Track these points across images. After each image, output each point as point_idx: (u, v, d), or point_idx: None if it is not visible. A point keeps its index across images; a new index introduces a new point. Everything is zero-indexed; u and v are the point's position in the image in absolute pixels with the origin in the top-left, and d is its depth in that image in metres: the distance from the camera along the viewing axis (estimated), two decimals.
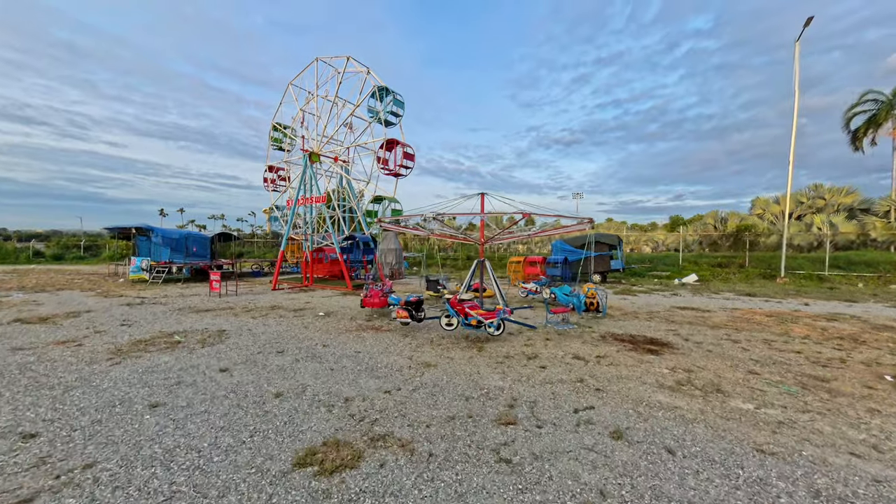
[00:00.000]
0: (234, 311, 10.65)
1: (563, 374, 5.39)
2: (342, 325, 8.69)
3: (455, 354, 6.38)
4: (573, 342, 7.25)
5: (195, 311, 10.59)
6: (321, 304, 11.95)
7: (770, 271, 23.28)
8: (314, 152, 18.15)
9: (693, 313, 10.66)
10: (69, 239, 48.30)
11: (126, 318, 9.44)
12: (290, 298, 13.36)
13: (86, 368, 5.55)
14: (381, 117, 15.82)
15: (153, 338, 7.40)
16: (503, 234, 11.32)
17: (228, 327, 8.43)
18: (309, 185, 17.88)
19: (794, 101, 20.30)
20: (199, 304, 11.72)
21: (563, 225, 8.96)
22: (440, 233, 11.29)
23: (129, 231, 22.19)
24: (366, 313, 10.21)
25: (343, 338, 7.53)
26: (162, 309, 10.83)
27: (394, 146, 15.74)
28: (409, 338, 7.51)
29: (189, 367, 5.66)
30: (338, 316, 9.91)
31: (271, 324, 8.85)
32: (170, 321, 9.10)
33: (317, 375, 5.33)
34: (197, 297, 13.59)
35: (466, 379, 5.22)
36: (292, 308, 11.20)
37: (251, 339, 7.40)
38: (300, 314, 10.17)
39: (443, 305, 7.87)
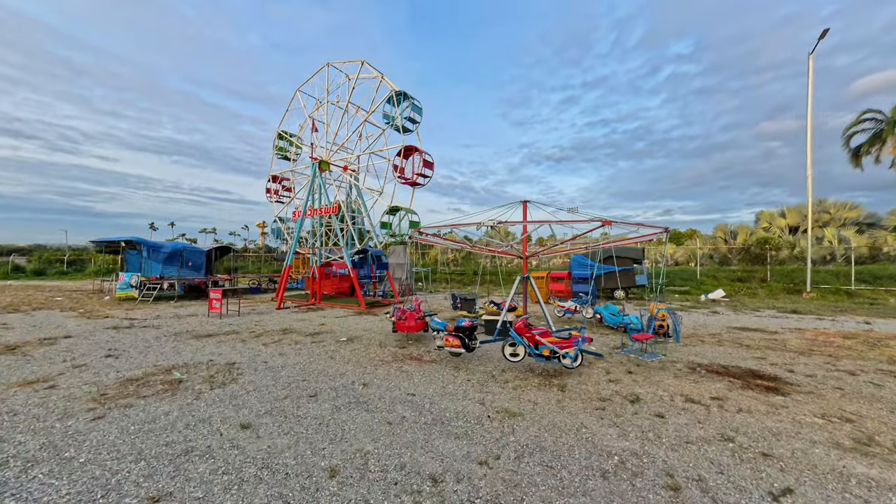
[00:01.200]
0: (240, 335, 9.19)
1: (696, 429, 4.13)
2: (375, 355, 7.32)
3: (535, 396, 5.07)
4: (662, 376, 6.00)
5: (195, 336, 9.10)
6: (338, 327, 10.54)
7: (793, 286, 22.48)
8: (324, 160, 17.01)
9: (759, 335, 9.54)
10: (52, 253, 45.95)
11: (112, 346, 7.93)
12: (299, 319, 11.91)
13: (57, 426, 4.12)
14: (398, 123, 14.84)
15: (147, 375, 5.95)
16: (551, 246, 10.14)
17: (238, 358, 7.00)
18: (318, 195, 16.65)
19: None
20: (198, 328, 10.22)
21: (629, 237, 7.87)
22: (480, 245, 10.10)
23: (117, 244, 20.55)
24: (396, 338, 8.85)
25: (382, 372, 6.17)
26: (155, 334, 9.32)
27: (412, 153, 14.71)
28: (464, 371, 6.19)
29: (198, 421, 4.26)
30: (363, 341, 8.52)
31: (289, 353, 7.44)
32: (166, 350, 7.63)
33: (373, 434, 3.98)
34: (194, 317, 12.06)
35: (576, 437, 3.92)
36: (307, 331, 9.77)
37: (270, 375, 6.00)
38: (318, 339, 8.76)
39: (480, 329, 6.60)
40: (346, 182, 18.30)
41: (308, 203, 16.72)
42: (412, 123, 15.34)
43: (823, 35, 20.50)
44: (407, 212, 15.01)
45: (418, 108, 15.42)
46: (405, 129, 15.12)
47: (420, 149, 14.66)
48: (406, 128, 15.11)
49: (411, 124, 15.29)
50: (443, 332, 6.63)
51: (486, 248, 10.43)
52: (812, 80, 21.52)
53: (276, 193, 20.35)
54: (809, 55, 21.46)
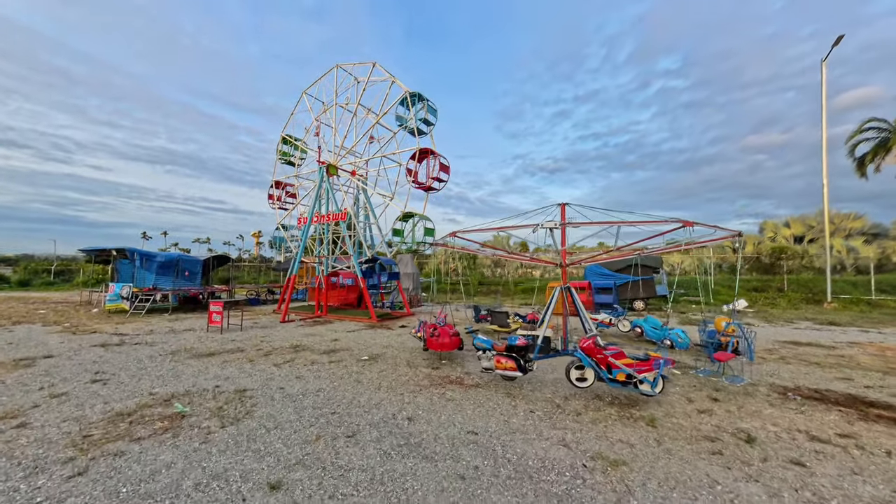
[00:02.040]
0: (246, 354, 8.14)
1: (857, 483, 3.22)
2: (407, 378, 6.33)
3: (624, 434, 4.14)
4: (753, 403, 5.11)
5: (195, 354, 8.04)
6: (353, 343, 9.52)
7: (812, 295, 21.89)
8: (332, 164, 16.18)
9: (819, 351, 8.71)
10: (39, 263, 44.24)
11: (100, 368, 6.85)
12: (308, 334, 10.86)
13: (21, 489, 3.09)
14: (412, 125, 14.11)
15: (141, 407, 4.92)
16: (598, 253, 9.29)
17: (249, 383, 5.97)
18: (325, 201, 15.76)
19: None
20: (197, 345, 9.14)
21: (698, 241, 7.06)
22: (516, 253, 9.25)
23: (107, 253, 19.38)
24: (424, 357, 7.86)
25: (424, 400, 5.20)
26: (149, 352, 8.23)
27: (427, 156, 13.96)
28: (520, 399, 5.23)
29: (211, 477, 3.26)
30: (388, 361, 7.52)
31: (307, 376, 6.42)
32: (163, 373, 6.57)
33: (448, 498, 3.01)
34: (192, 332, 10.95)
35: (715, 499, 2.99)
36: (320, 349, 8.75)
37: (291, 406, 4.99)
38: (336, 359, 7.74)
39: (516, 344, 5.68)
40: (355, 187, 17.46)
41: (315, 209, 15.81)
42: (426, 126, 14.62)
43: (838, 42, 20.43)
44: (421, 218, 14.16)
45: (433, 110, 14.73)
46: (419, 131, 14.39)
47: (436, 151, 13.91)
48: (420, 130, 14.38)
49: (426, 126, 14.57)
50: (491, 353, 5.69)
51: (522, 255, 9.57)
52: (825, 86, 21.39)
53: (278, 200, 19.43)
54: (822, 62, 21.37)
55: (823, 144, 21.53)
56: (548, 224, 5.45)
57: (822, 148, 21.48)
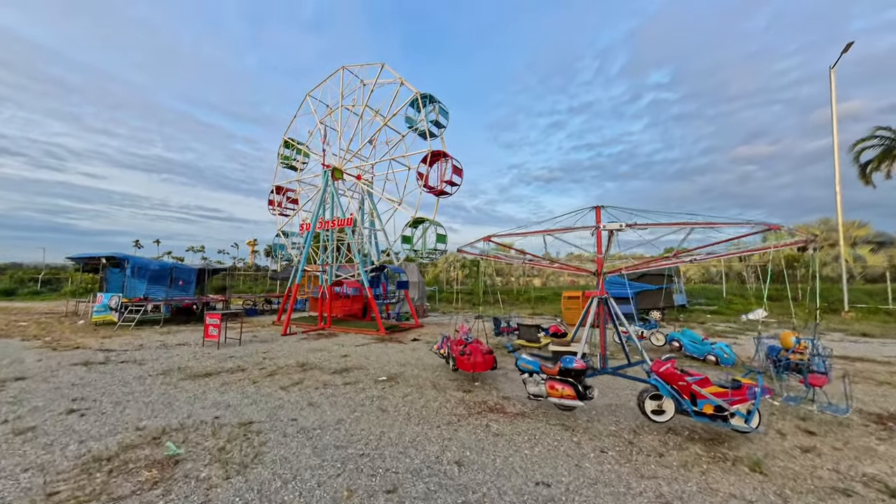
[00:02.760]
0: (248, 374, 7.23)
1: None
2: (438, 404, 5.47)
3: (730, 485, 3.32)
4: (854, 437, 4.33)
5: (190, 375, 7.11)
6: (365, 360, 8.63)
7: (828, 305, 21.34)
8: (337, 168, 15.45)
9: (880, 367, 8.00)
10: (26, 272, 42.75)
11: (79, 393, 5.91)
12: (314, 349, 9.95)
13: None
14: (424, 128, 13.45)
15: (124, 449, 4.01)
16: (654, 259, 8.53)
17: (255, 413, 5.08)
18: (330, 206, 14.97)
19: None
20: (192, 362, 8.20)
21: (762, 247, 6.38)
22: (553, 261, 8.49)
23: (97, 261, 18.34)
24: (450, 377, 6.99)
25: (467, 436, 4.35)
26: (137, 372, 7.29)
27: (439, 159, 13.29)
28: (582, 433, 4.40)
29: None
30: (411, 383, 6.65)
31: (321, 402, 5.54)
32: (152, 399, 5.65)
33: None
34: (186, 347, 9.99)
35: None
36: (330, 367, 7.85)
37: (309, 445, 4.12)
38: (350, 379, 6.86)
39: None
40: (360, 192, 16.71)
41: (318, 215, 15.01)
42: (438, 128, 13.98)
43: (847, 49, 20.34)
44: (432, 224, 13.39)
45: (445, 112, 14.11)
46: (430, 133, 13.74)
47: (448, 154, 13.24)
48: (431, 132, 13.73)
49: (437, 129, 13.93)
50: (541, 376, 4.87)
51: (565, 264, 8.83)
52: (835, 93, 21.25)
53: (279, 206, 18.60)
54: (831, 69, 21.27)
55: (835, 151, 21.29)
56: (612, 226, 4.71)
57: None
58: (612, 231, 4.81)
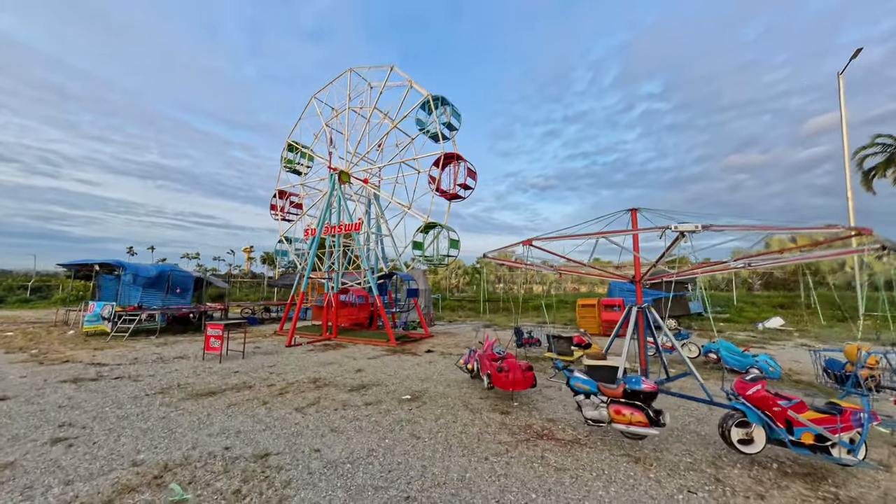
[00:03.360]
0: (256, 392, 6.55)
1: None
2: (477, 428, 4.84)
3: None
4: None
5: (191, 394, 6.41)
6: (382, 374, 7.97)
7: (841, 312, 20.94)
8: (344, 171, 14.91)
9: None
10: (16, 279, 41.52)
11: (67, 417, 5.22)
12: (324, 362, 9.27)
13: None
14: (436, 130, 12.97)
15: (119, 492, 3.34)
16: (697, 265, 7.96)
17: (271, 443, 4.42)
18: (337, 211, 14.39)
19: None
20: (193, 379, 7.49)
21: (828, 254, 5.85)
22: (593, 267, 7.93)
23: (90, 268, 17.54)
24: (481, 395, 6.35)
25: (523, 470, 3.72)
26: (132, 390, 6.59)
27: (452, 162, 12.79)
28: (658, 467, 3.79)
29: None
30: (439, 402, 6.01)
31: (345, 428, 4.88)
32: (150, 424, 4.97)
33: None
34: (185, 361, 9.27)
35: None
36: (346, 384, 7.18)
37: (340, 485, 3.47)
38: (371, 398, 6.20)
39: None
40: (367, 196, 16.16)
41: (324, 219, 14.41)
42: (450, 130, 13.53)
43: (856, 55, 20.32)
44: (445, 229, 12.84)
45: (457, 114, 13.68)
46: (443, 136, 13.27)
47: (462, 156, 12.75)
48: (444, 135, 13.26)
49: (449, 131, 13.48)
50: (599, 398, 4.27)
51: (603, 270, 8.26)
52: (844, 99, 21.16)
53: (282, 211, 17.99)
54: (839, 75, 21.23)
55: (845, 157, 21.13)
56: (685, 227, 4.17)
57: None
58: (684, 233, 4.27)
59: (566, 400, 6.09)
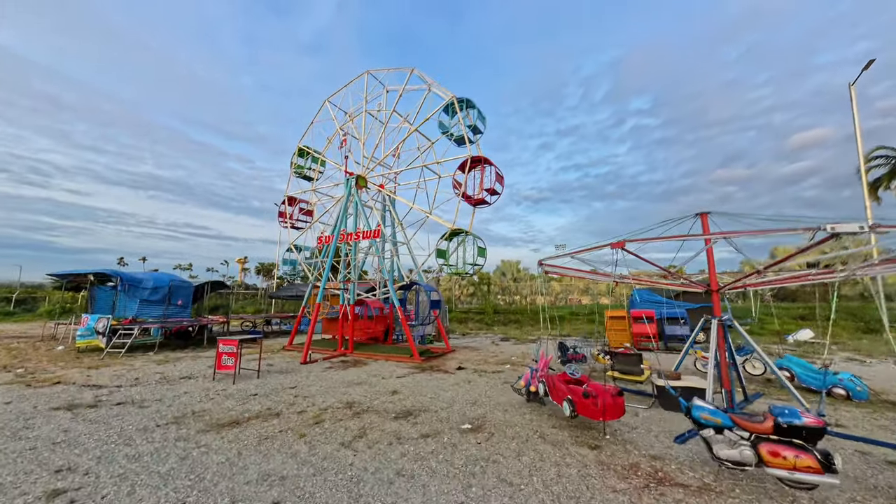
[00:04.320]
0: (287, 421, 5.60)
1: None
2: (574, 469, 3.97)
3: None
4: None
5: (211, 424, 5.45)
6: (423, 397, 7.05)
7: (864, 324, 20.45)
8: (361, 176, 14.19)
9: None
10: None
11: (64, 458, 4.24)
12: (350, 382, 8.32)
13: None
14: (461, 132, 12.34)
15: None
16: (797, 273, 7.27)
17: (328, 496, 3.51)
18: (354, 217, 13.59)
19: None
20: (208, 404, 6.51)
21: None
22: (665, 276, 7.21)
23: (83, 278, 16.40)
24: (552, 423, 5.48)
25: None
26: (139, 420, 5.60)
27: (479, 165, 12.14)
28: None
29: None
30: (506, 432, 5.12)
31: (413, 471, 3.98)
32: (169, 467, 4.02)
33: None
34: (193, 381, 8.25)
35: None
36: (388, 408, 6.26)
37: None
38: (423, 426, 5.30)
39: None
40: (382, 203, 15.40)
41: (341, 226, 13.59)
42: (475, 134, 12.94)
43: (868, 66, 20.37)
44: (471, 236, 12.08)
45: (482, 117, 13.12)
46: (469, 139, 12.67)
47: (490, 160, 12.12)
48: (469, 138, 12.65)
49: (473, 135, 12.88)
50: (740, 434, 3.47)
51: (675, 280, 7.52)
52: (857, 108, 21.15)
53: (290, 218, 17.13)
54: (851, 85, 21.27)
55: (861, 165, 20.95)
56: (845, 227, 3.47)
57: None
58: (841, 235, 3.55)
59: (652, 428, 5.25)
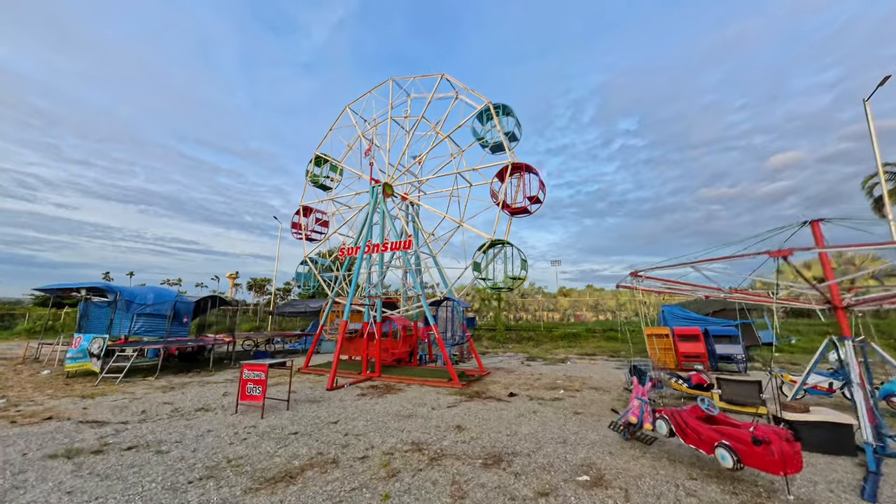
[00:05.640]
0: (350, 470, 4.44)
1: None
2: None
3: None
4: None
5: (258, 478, 4.26)
6: (492, 433, 5.94)
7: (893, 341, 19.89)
8: (388, 184, 13.32)
9: None
10: None
11: None
12: (395, 414, 7.13)
13: None
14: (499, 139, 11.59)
15: None
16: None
17: None
18: (381, 227, 12.62)
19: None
20: (241, 447, 5.29)
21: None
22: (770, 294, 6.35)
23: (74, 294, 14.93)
24: (694, 472, 4.42)
25: None
26: (163, 474, 4.39)
27: (520, 173, 11.38)
28: None
29: None
30: (640, 488, 4.05)
31: None
32: None
33: None
34: (211, 414, 6.98)
35: None
36: (465, 452, 5.13)
37: None
38: (533, 482, 4.20)
39: None
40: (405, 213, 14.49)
41: (366, 237, 12.58)
42: (512, 141, 12.26)
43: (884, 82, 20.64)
44: (511, 247, 11.16)
45: (519, 125, 12.48)
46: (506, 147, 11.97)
47: (532, 167, 11.37)
48: (504, 146, 11.95)
49: (510, 142, 12.20)
50: None
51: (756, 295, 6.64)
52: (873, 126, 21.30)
53: (305, 229, 16.06)
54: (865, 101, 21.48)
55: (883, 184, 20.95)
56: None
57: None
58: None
59: (816, 480, 4.23)
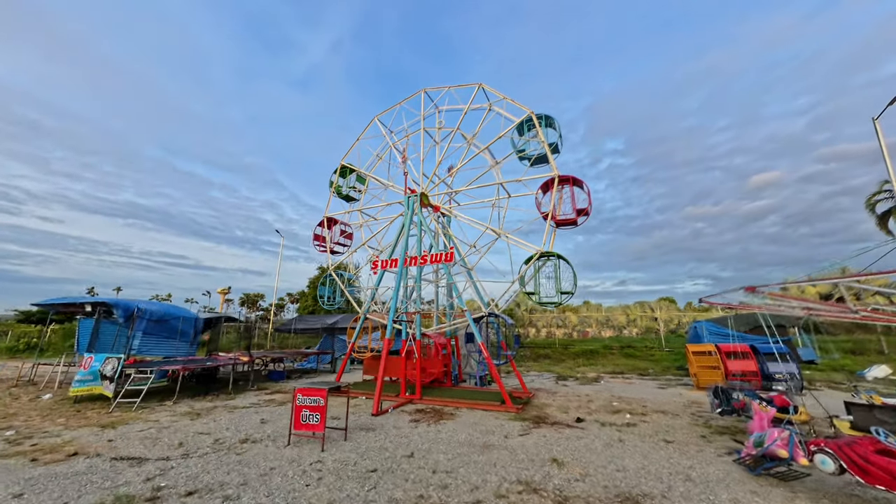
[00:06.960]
0: None
1: None
2: None
3: None
4: None
5: None
6: (599, 471, 5.21)
7: None
8: (424, 193, 12.81)
9: None
10: None
11: None
12: (472, 445, 6.34)
13: None
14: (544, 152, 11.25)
15: None
16: None
17: None
18: (418, 238, 12.01)
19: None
20: (321, 491, 4.46)
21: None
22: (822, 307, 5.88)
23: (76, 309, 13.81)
24: None
25: None
26: None
27: (566, 185, 11.00)
28: None
29: None
30: None
31: None
32: None
33: None
34: (262, 447, 6.09)
35: None
36: (585, 494, 4.40)
37: None
38: None
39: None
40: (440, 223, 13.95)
41: (403, 249, 11.94)
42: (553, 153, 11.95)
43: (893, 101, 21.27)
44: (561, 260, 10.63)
45: (561, 136, 12.22)
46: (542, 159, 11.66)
47: (580, 179, 11.01)
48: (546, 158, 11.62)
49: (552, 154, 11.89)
50: None
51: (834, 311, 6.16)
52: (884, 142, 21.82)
53: (329, 242, 15.35)
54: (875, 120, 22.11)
55: None
56: None
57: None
58: None
59: None
